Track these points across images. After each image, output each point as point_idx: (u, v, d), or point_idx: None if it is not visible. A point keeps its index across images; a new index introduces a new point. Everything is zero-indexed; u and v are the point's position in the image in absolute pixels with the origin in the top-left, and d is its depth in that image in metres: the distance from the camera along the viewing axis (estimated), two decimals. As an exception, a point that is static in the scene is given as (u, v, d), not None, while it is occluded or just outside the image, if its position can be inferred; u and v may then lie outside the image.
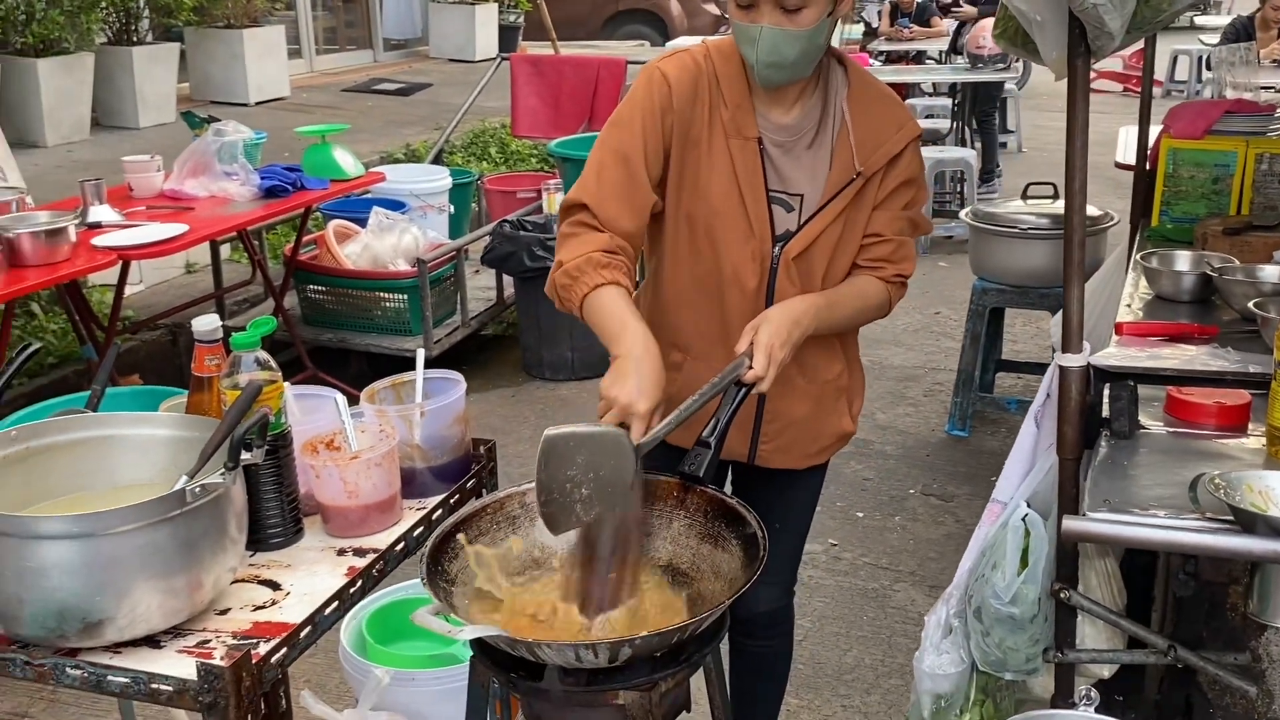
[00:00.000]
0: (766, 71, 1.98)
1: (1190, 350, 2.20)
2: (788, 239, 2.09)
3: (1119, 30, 1.74)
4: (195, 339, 1.92)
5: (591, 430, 1.71)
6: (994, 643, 2.03)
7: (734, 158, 2.06)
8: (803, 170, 2.09)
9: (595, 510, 1.71)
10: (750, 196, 2.06)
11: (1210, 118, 3.43)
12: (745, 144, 2.06)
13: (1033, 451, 2.08)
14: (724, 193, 2.07)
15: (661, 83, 2.05)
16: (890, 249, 2.14)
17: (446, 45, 12.22)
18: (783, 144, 2.08)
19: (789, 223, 2.10)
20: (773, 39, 1.93)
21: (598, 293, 1.94)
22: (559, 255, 2.02)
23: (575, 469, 1.69)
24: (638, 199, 2.04)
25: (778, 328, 1.93)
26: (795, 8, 1.91)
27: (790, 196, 2.09)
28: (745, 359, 1.89)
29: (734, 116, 2.05)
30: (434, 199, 6.14)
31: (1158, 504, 1.72)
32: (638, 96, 2.07)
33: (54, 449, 1.81)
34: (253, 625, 1.68)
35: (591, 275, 1.94)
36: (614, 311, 1.92)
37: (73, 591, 1.55)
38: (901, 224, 2.14)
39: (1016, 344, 5.73)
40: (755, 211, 2.07)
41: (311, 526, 1.96)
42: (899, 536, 3.99)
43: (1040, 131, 11.43)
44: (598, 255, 1.96)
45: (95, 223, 3.97)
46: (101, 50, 7.80)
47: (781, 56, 1.95)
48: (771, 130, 2.08)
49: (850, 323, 2.15)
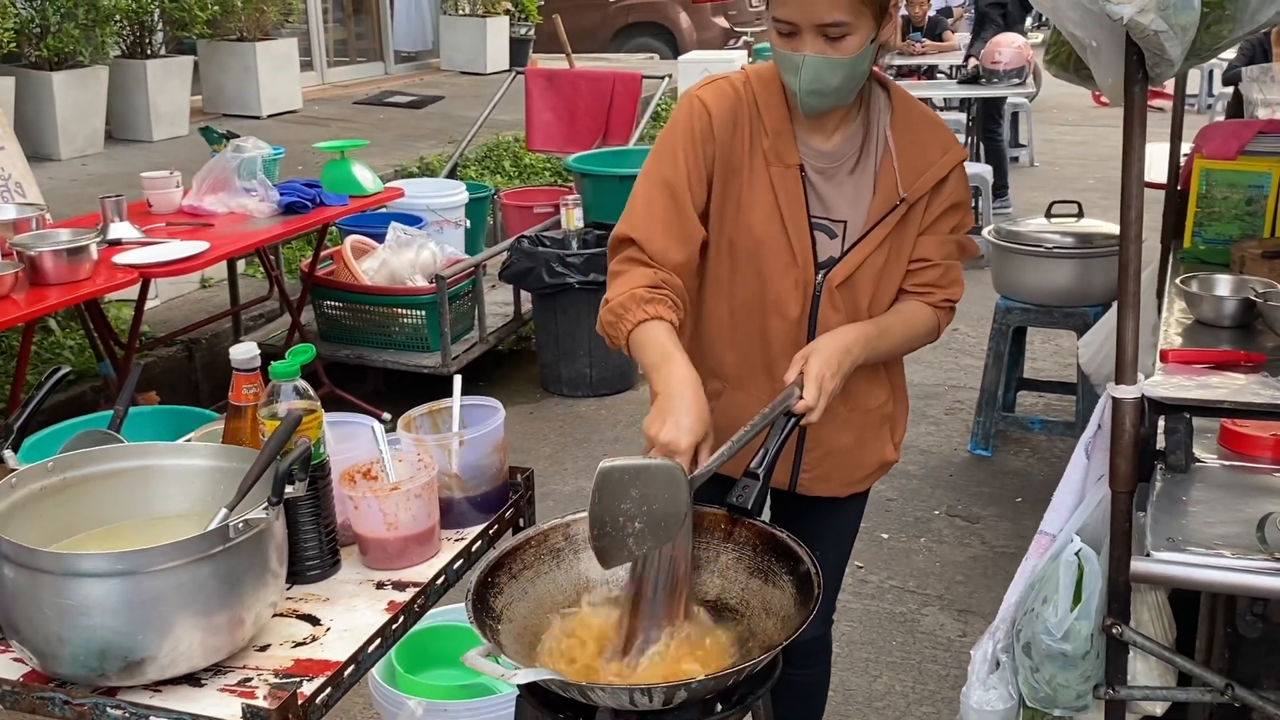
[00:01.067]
0: (809, 100, 1.95)
1: (1239, 379, 2.16)
2: (831, 266, 2.06)
3: (1179, 57, 1.71)
4: (233, 367, 1.88)
5: (646, 463, 1.68)
6: (1044, 679, 1.99)
7: (775, 185, 2.03)
8: (845, 196, 2.07)
9: (647, 544, 1.68)
10: (792, 224, 2.04)
11: (1243, 138, 3.39)
12: (787, 171, 2.03)
13: (1082, 484, 2.04)
14: (766, 220, 2.04)
15: (702, 111, 2.03)
16: (938, 274, 2.11)
17: (457, 57, 12.22)
18: (824, 170, 2.06)
19: (832, 250, 2.07)
20: (816, 67, 1.90)
21: (641, 329, 1.93)
22: (608, 293, 2.01)
23: (629, 502, 1.65)
24: (687, 229, 2.02)
25: (828, 358, 1.90)
26: (839, 36, 1.89)
27: (833, 223, 2.07)
28: (795, 389, 1.86)
29: (775, 144, 2.03)
30: (450, 214, 6.12)
31: (1222, 542, 1.68)
32: (678, 126, 2.05)
33: (91, 479, 1.77)
34: (294, 663, 1.65)
35: (635, 311, 1.93)
36: (655, 347, 1.90)
37: (115, 630, 1.51)
38: (949, 248, 2.12)
39: (1036, 362, 5.69)
40: (798, 239, 2.04)
41: (348, 558, 1.93)
42: (925, 559, 3.95)
43: (1051, 145, 11.42)
44: (642, 291, 1.95)
45: (116, 240, 3.95)
46: (115, 63, 7.79)
47: (824, 84, 1.93)
48: (813, 156, 2.05)
49: (899, 350, 2.13)
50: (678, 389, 1.82)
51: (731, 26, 14.77)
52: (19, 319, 3.42)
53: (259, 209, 4.43)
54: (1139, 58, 1.76)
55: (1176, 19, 1.64)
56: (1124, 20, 1.63)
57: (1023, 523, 4.15)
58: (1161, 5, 1.62)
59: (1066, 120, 12.87)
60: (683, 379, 1.84)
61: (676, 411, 1.79)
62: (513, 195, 6.99)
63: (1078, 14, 1.78)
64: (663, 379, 1.85)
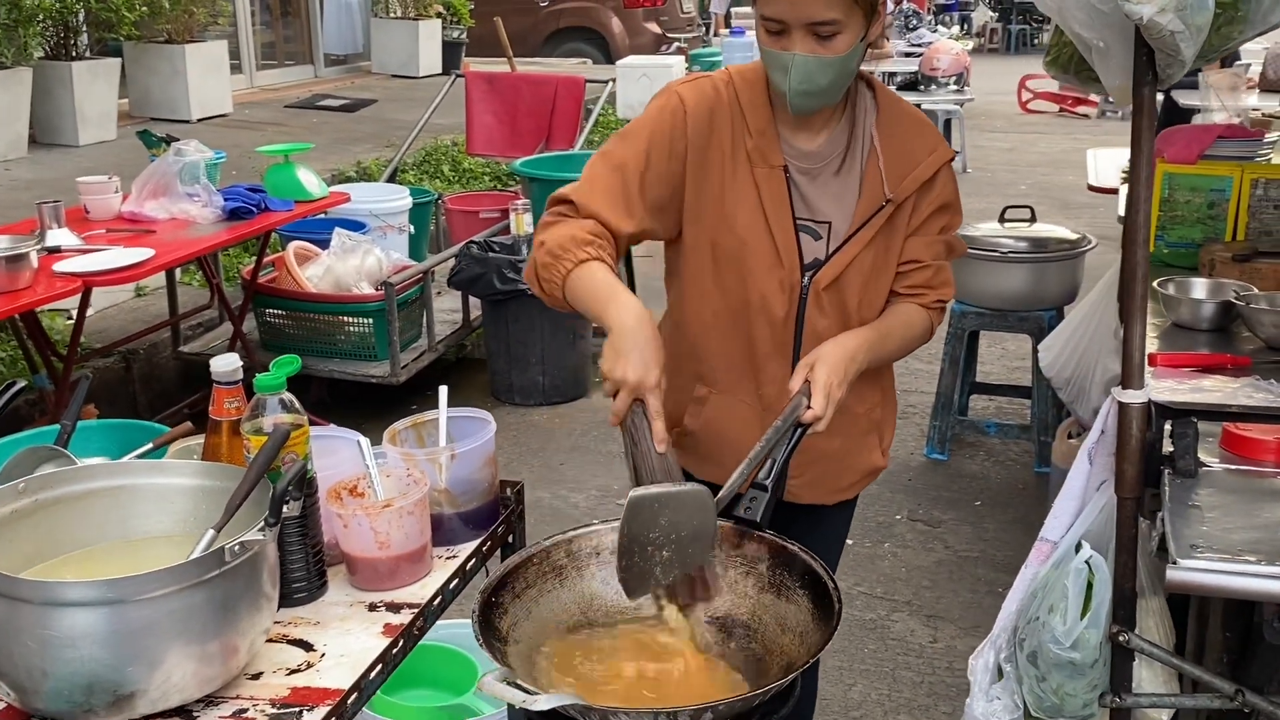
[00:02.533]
0: (798, 100, 1.91)
1: (1233, 382, 2.16)
2: (817, 268, 2.02)
3: (1191, 58, 1.69)
4: (214, 380, 1.78)
5: (678, 490, 1.62)
6: (1050, 688, 1.96)
7: (759, 186, 1.99)
8: (830, 197, 2.03)
9: (674, 573, 1.62)
10: (777, 225, 1.99)
11: (1203, 143, 3.43)
12: (771, 172, 1.99)
13: (1084, 489, 2.01)
14: (750, 222, 2.00)
15: (678, 107, 1.99)
16: (929, 274, 2.08)
17: (389, 61, 12.05)
18: (809, 171, 2.02)
19: (817, 251, 2.03)
20: (805, 67, 1.86)
21: (582, 268, 1.85)
22: (539, 237, 1.93)
23: (658, 530, 1.60)
24: (630, 205, 1.96)
25: (834, 365, 1.85)
26: (829, 35, 1.85)
27: (818, 224, 2.03)
28: (803, 399, 1.81)
29: (759, 144, 1.99)
30: (394, 219, 6.00)
31: (1246, 549, 1.66)
32: (650, 116, 2.01)
33: (64, 500, 1.67)
34: (290, 692, 1.56)
35: (576, 252, 1.86)
36: (601, 282, 1.84)
37: (103, 662, 1.41)
38: (939, 248, 2.09)
39: (984, 365, 5.72)
40: (783, 240, 2.00)
41: (334, 577, 1.84)
42: (891, 564, 3.93)
43: (982, 151, 11.55)
44: (582, 234, 1.88)
45: (54, 247, 3.78)
46: (39, 65, 7.52)
47: (814, 84, 1.89)
48: (797, 157, 2.01)
49: (899, 354, 2.09)
50: (633, 323, 1.76)
51: (664, 33, 14.75)
52: (-45, 330, 3.26)
53: (202, 215, 4.28)
54: (1148, 58, 1.74)
55: (1193, 19, 1.63)
56: (1143, 20, 1.61)
57: (983, 526, 4.16)
58: (1180, 6, 1.60)
59: (995, 127, 13.05)
60: (635, 313, 1.77)
61: (637, 346, 1.73)
62: (457, 200, 6.88)
63: (1085, 14, 1.76)
64: (613, 315, 1.78)
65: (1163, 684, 1.99)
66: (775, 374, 2.06)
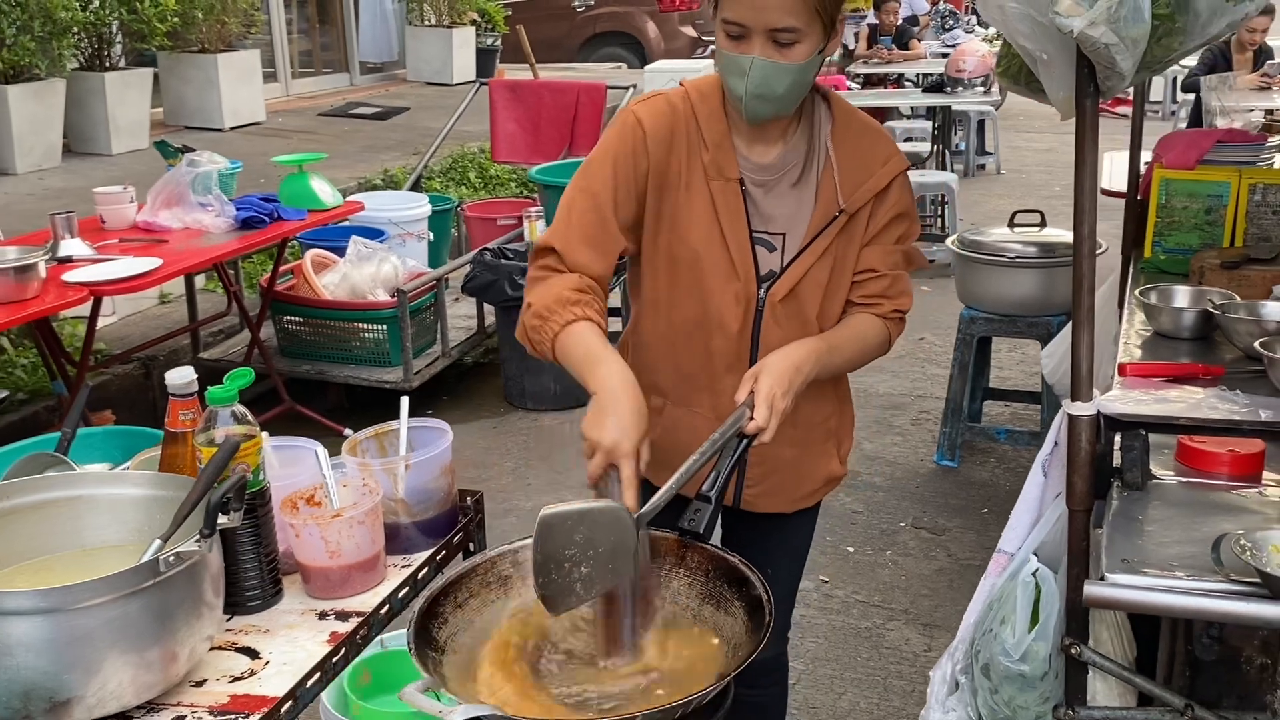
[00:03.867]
0: (754, 104, 1.92)
1: (1198, 393, 2.14)
2: (773, 280, 2.04)
3: (1130, 70, 1.68)
4: (169, 393, 1.83)
5: (589, 507, 1.63)
6: (1003, 700, 1.95)
7: (715, 199, 2.00)
8: (786, 209, 2.04)
9: (596, 588, 1.64)
10: (733, 238, 2.01)
11: (1202, 147, 3.39)
12: (727, 185, 2.00)
13: (1040, 501, 2.01)
14: (705, 235, 2.02)
15: (635, 127, 2.01)
16: (885, 284, 2.08)
17: (423, 68, 12.15)
18: (764, 183, 2.03)
19: (773, 263, 2.05)
20: (763, 71, 1.87)
21: (569, 330, 1.89)
22: (528, 298, 1.97)
23: (574, 548, 1.61)
24: (607, 243, 2.00)
25: (779, 376, 1.86)
26: (789, 42, 1.86)
27: (772, 236, 2.04)
28: (746, 410, 1.82)
29: (715, 157, 2.00)
30: (413, 226, 6.06)
31: (1178, 563, 1.65)
32: (611, 141, 2.03)
33: (20, 510, 1.71)
34: (230, 699, 1.59)
35: (562, 313, 1.90)
36: (587, 346, 1.87)
37: (39, 670, 1.45)
38: (895, 258, 2.09)
39: (1003, 371, 5.69)
40: (738, 253, 2.01)
41: (291, 586, 1.87)
42: (891, 572, 3.92)
43: (1017, 152, 11.46)
44: (568, 293, 1.92)
45: (66, 257, 3.87)
46: (74, 76, 7.68)
47: (770, 90, 1.90)
48: (752, 170, 2.02)
49: (851, 365, 2.09)
50: (616, 387, 1.79)
51: (699, 35, 14.75)
52: (-35, 339, 3.35)
53: (214, 224, 4.36)
54: (1090, 70, 1.74)
55: (1127, 32, 1.62)
56: (1074, 33, 1.60)
57: (989, 534, 4.13)
58: (1112, 18, 1.59)
59: (1033, 127, 12.93)
60: (620, 377, 1.81)
61: (617, 411, 1.76)
62: (476, 207, 6.94)
63: (1027, 26, 1.75)
64: (598, 379, 1.82)
65: (1118, 698, 1.97)
66: (731, 387, 2.06)
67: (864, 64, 11.08)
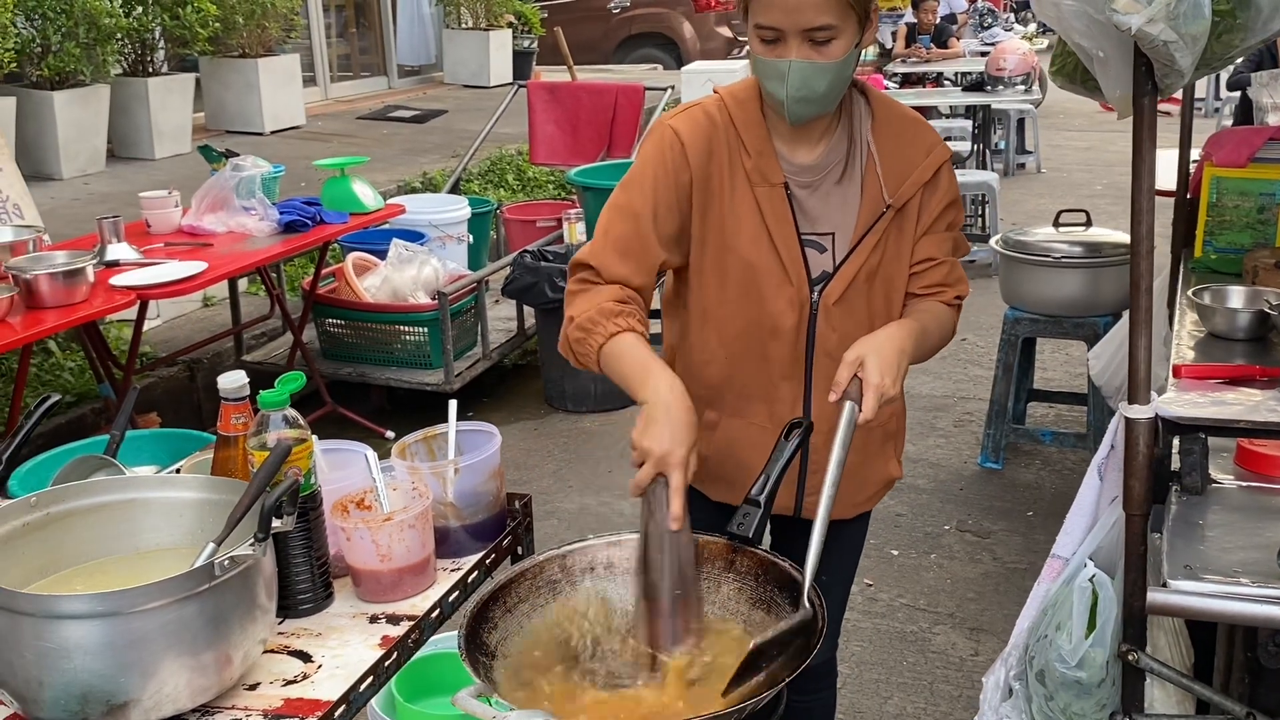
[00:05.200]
0: (796, 107, 1.90)
1: (1256, 395, 2.10)
2: (825, 281, 2.02)
3: (1189, 68, 1.66)
4: (221, 397, 1.84)
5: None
6: (1059, 707, 1.93)
7: (761, 205, 1.99)
8: (832, 208, 2.02)
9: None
10: (782, 243, 1.99)
11: (1253, 145, 3.33)
12: (772, 190, 1.98)
13: (1095, 505, 1.98)
14: (754, 241, 2.00)
15: (674, 140, 1.99)
16: (945, 271, 2.07)
17: (461, 71, 12.20)
18: (809, 184, 2.01)
19: (824, 264, 2.03)
20: (803, 73, 1.86)
21: (614, 341, 1.89)
22: (569, 311, 1.96)
23: None
24: (646, 258, 1.99)
25: (886, 362, 1.82)
26: (825, 40, 1.85)
27: (821, 237, 2.02)
28: (854, 405, 1.79)
29: (758, 163, 1.98)
30: (453, 229, 6.08)
31: (1241, 569, 1.62)
32: (649, 155, 2.01)
33: (75, 514, 1.73)
34: (284, 703, 1.60)
35: (606, 325, 1.89)
36: (635, 357, 1.87)
37: (97, 673, 1.46)
38: (949, 245, 2.08)
39: (1047, 372, 5.63)
40: (789, 257, 2.00)
41: (341, 589, 1.88)
42: (936, 575, 3.89)
43: (1058, 151, 11.36)
44: (610, 305, 1.91)
45: (113, 261, 3.91)
46: (117, 82, 7.77)
47: (812, 91, 1.88)
48: (796, 172, 2.01)
49: (933, 351, 2.07)
50: (666, 397, 1.79)
51: (735, 36, 14.71)
52: (15, 343, 3.38)
53: (258, 228, 4.39)
54: (1147, 68, 1.71)
55: (1186, 29, 1.59)
56: (1132, 31, 1.58)
57: (1034, 537, 4.09)
58: (1171, 15, 1.57)
59: (1073, 126, 12.81)
60: (669, 386, 1.81)
61: (669, 421, 1.77)
62: (515, 209, 6.95)
63: (1084, 24, 1.73)
64: (649, 389, 1.81)
65: (1176, 705, 1.94)
66: (787, 394, 2.06)
67: (902, 63, 11.02)
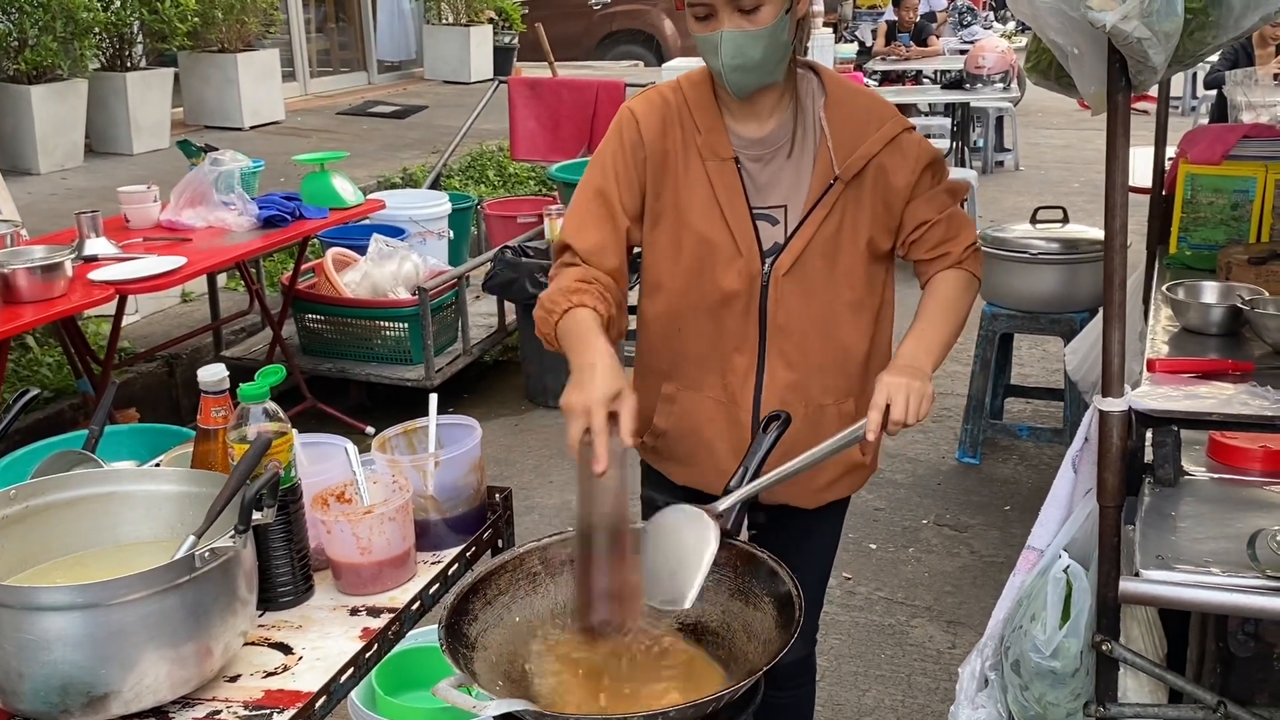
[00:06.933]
0: (734, 76, 1.96)
1: (1228, 389, 2.13)
2: (777, 253, 2.06)
3: (1162, 64, 1.68)
4: (201, 390, 1.84)
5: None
6: (1033, 697, 1.95)
7: (712, 179, 2.05)
8: (784, 182, 2.07)
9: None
10: (733, 216, 2.05)
11: (1228, 143, 3.37)
12: (722, 165, 2.05)
13: (1070, 497, 2.00)
14: (705, 215, 2.06)
15: (630, 121, 2.09)
16: (943, 229, 2.09)
17: (441, 67, 12.18)
18: (760, 157, 2.07)
19: (776, 236, 2.07)
20: (734, 41, 1.92)
21: (567, 316, 1.96)
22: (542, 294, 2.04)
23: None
24: (617, 233, 2.07)
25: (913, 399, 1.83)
26: (752, 8, 1.91)
27: (773, 209, 2.07)
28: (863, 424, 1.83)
29: (708, 139, 2.05)
30: (433, 225, 6.07)
31: (1212, 559, 1.65)
32: (610, 136, 2.11)
33: (54, 507, 1.72)
34: (264, 694, 1.60)
35: (561, 302, 1.97)
36: (579, 331, 1.92)
37: (77, 665, 1.46)
38: (941, 200, 2.10)
39: (1024, 368, 5.67)
40: (740, 230, 2.05)
41: (322, 582, 1.88)
42: (914, 569, 3.91)
43: (1036, 149, 11.41)
44: (570, 284, 1.99)
45: (91, 256, 3.90)
46: (95, 76, 7.72)
47: (746, 58, 1.94)
48: (746, 146, 2.06)
49: (962, 324, 2.09)
50: (589, 359, 1.83)
51: (715, 33, 14.72)
52: (-8, 338, 3.37)
53: (237, 223, 4.38)
54: (1122, 65, 1.73)
55: (1159, 25, 1.61)
56: (1106, 27, 1.60)
57: (1011, 531, 4.12)
58: (1144, 12, 1.59)
59: (1051, 124, 12.87)
60: (596, 349, 1.85)
61: (591, 376, 1.80)
62: (495, 205, 6.95)
63: (1059, 20, 1.75)
64: (579, 356, 1.86)
65: (1149, 694, 1.97)
66: (739, 365, 2.10)
67: (882, 61, 11.05)
